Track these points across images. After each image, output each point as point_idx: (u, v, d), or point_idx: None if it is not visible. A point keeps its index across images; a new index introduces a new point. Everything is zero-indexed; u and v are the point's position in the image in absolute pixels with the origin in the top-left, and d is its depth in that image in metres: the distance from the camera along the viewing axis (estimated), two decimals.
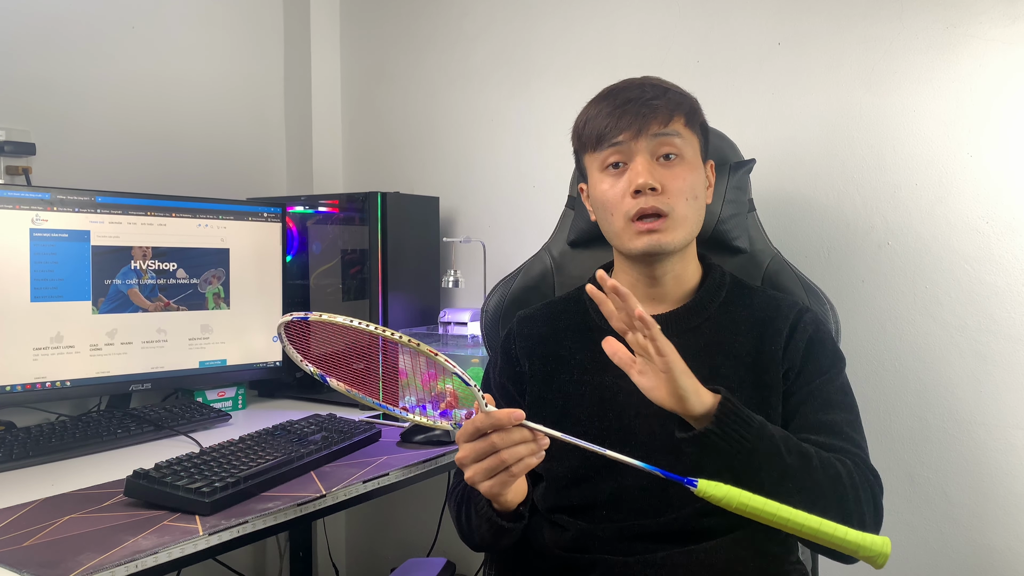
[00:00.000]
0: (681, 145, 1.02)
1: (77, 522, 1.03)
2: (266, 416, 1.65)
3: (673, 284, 1.08)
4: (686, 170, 1.02)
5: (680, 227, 1.02)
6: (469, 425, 0.86)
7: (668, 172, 1.01)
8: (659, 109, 1.01)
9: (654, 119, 1.01)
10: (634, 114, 1.01)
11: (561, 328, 1.14)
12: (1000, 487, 1.38)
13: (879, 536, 0.82)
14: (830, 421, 1.00)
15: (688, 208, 1.02)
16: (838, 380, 1.04)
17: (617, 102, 1.03)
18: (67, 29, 1.74)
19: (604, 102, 1.05)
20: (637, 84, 1.05)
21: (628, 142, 1.01)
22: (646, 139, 1.01)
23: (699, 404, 0.88)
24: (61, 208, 1.45)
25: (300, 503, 1.12)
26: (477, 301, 1.86)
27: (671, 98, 1.03)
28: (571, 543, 1.03)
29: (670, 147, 1.02)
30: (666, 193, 1.00)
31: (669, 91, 1.04)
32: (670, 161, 1.02)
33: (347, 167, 2.26)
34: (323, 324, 0.90)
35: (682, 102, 1.04)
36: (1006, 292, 1.37)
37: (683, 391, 0.87)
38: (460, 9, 2.01)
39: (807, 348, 1.04)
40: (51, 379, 1.45)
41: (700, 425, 0.89)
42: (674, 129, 1.02)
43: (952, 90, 1.40)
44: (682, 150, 1.02)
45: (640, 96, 1.02)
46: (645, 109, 1.01)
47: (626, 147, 1.02)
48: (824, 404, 1.01)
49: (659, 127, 1.01)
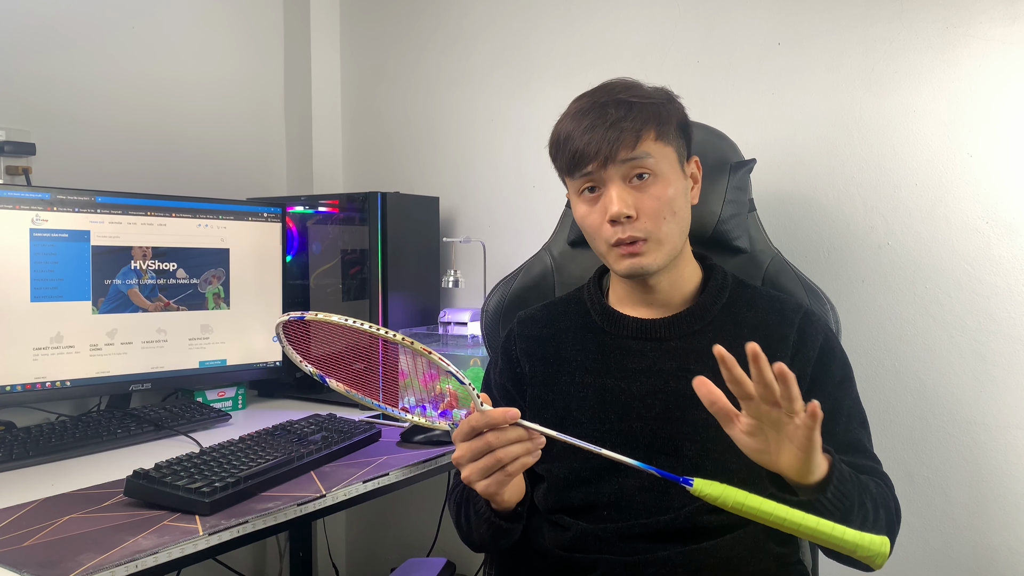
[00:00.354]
0: (654, 163, 0.99)
1: (77, 522, 1.03)
2: (266, 416, 1.65)
3: (669, 290, 1.08)
4: (661, 188, 0.99)
5: (661, 247, 1.01)
6: (464, 424, 0.86)
7: (642, 195, 0.99)
8: (625, 132, 0.97)
9: (621, 145, 0.97)
10: (600, 140, 0.97)
11: (562, 329, 1.14)
12: (1000, 487, 1.38)
13: (878, 536, 0.81)
14: (856, 441, 1.01)
15: (667, 226, 1.00)
16: (853, 391, 1.06)
17: (584, 126, 0.99)
18: (67, 29, 1.74)
19: (573, 122, 1.01)
20: (601, 103, 1.00)
21: (596, 171, 0.99)
22: (615, 166, 0.98)
23: (818, 471, 0.83)
24: (61, 208, 1.45)
25: (300, 503, 1.12)
26: (477, 301, 1.86)
27: (638, 115, 0.98)
28: (572, 543, 1.03)
29: (641, 168, 0.99)
30: (641, 217, 0.99)
31: (634, 106, 0.99)
32: (643, 181, 0.99)
33: (347, 167, 2.26)
34: (321, 324, 0.90)
35: (650, 115, 0.99)
36: (1006, 292, 1.37)
37: (812, 466, 0.81)
38: (460, 9, 2.01)
39: (820, 357, 1.04)
40: (51, 379, 1.45)
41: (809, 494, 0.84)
42: (643, 151, 0.98)
43: (952, 90, 1.40)
44: (655, 167, 0.99)
45: (603, 119, 0.98)
46: (611, 134, 0.97)
47: (596, 175, 1.00)
48: (847, 421, 1.02)
49: (627, 152, 0.97)
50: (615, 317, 1.10)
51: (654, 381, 1.04)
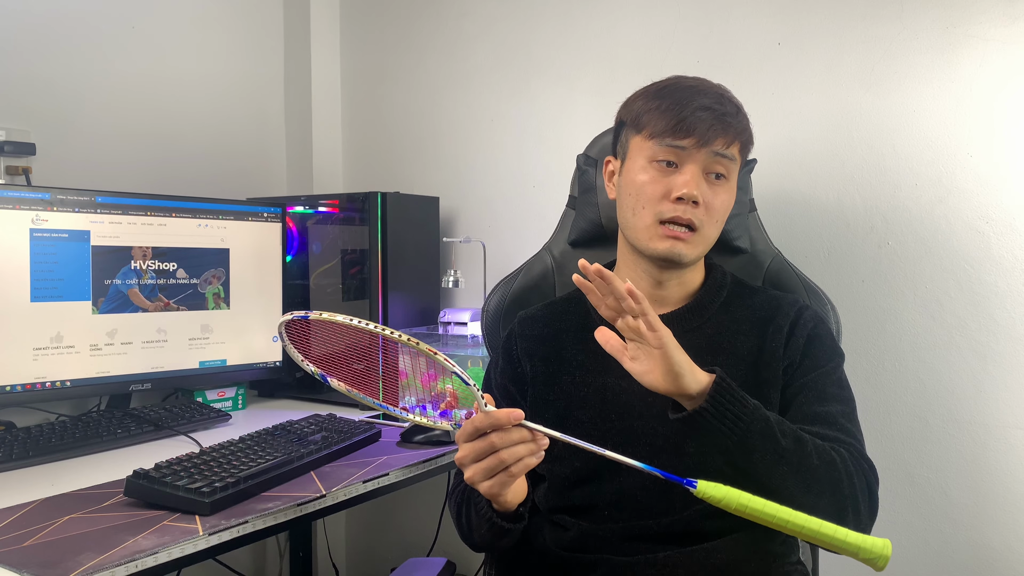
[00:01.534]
0: (731, 168, 1.03)
1: (77, 522, 1.03)
2: (266, 416, 1.65)
3: (677, 287, 1.09)
4: (728, 194, 1.04)
5: (702, 243, 1.04)
6: (468, 425, 0.86)
7: (712, 190, 1.02)
8: (729, 128, 1.01)
9: (721, 136, 1.00)
10: (707, 124, 0.99)
11: (563, 329, 1.14)
12: (1000, 487, 1.38)
13: (880, 538, 0.81)
14: (825, 412, 1.00)
15: (715, 228, 1.04)
16: (835, 374, 1.05)
17: (694, 105, 1.00)
18: (67, 29, 1.74)
19: (678, 95, 1.02)
20: (716, 91, 1.03)
21: (690, 149, 1.00)
22: (707, 153, 1.00)
23: (694, 382, 0.88)
24: (61, 208, 1.45)
25: (300, 503, 1.12)
26: (477, 301, 1.86)
27: (741, 120, 1.03)
28: (572, 543, 1.03)
29: (723, 167, 1.02)
30: (704, 209, 1.01)
31: (740, 111, 1.04)
32: (718, 181, 1.03)
33: (347, 167, 2.26)
34: (323, 324, 0.90)
35: (746, 126, 1.04)
36: (1006, 292, 1.37)
37: (678, 367, 0.87)
38: (460, 9, 2.01)
39: (807, 344, 1.05)
40: (51, 379, 1.45)
41: (694, 405, 0.89)
42: (732, 152, 1.02)
43: (952, 90, 1.40)
44: (730, 173, 1.04)
45: (717, 107, 1.01)
46: (718, 124, 1.00)
47: (686, 153, 1.01)
48: (820, 396, 1.01)
49: (722, 146, 1.01)
50: None
51: None
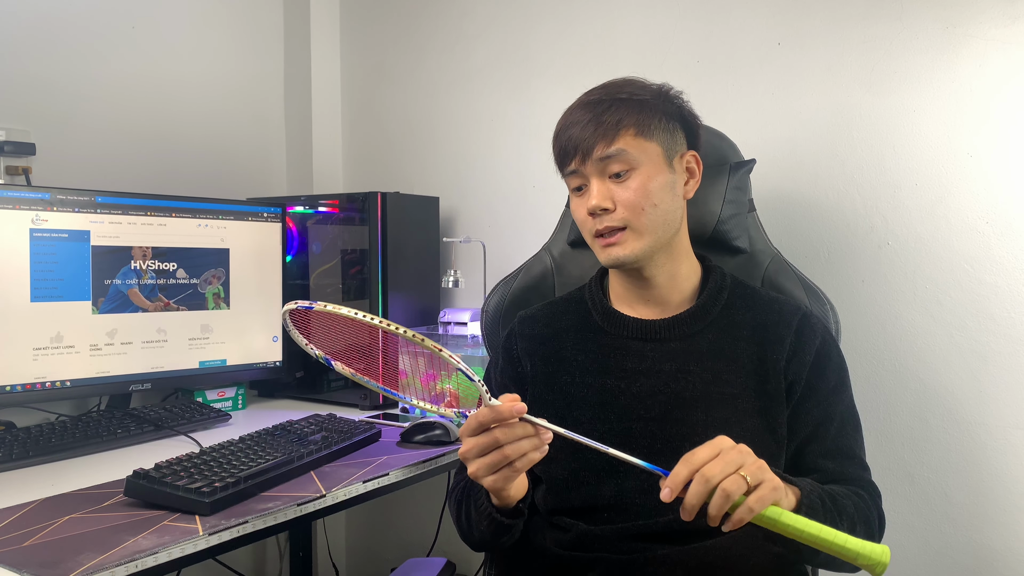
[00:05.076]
0: (632, 159, 1.01)
1: (77, 522, 1.03)
2: (266, 416, 1.65)
3: (668, 285, 1.08)
4: (640, 181, 1.02)
5: (640, 237, 1.03)
6: (472, 419, 0.86)
7: (619, 187, 1.02)
8: (602, 129, 1.01)
9: (596, 143, 1.01)
10: (579, 138, 1.02)
11: (562, 329, 1.14)
12: (1000, 487, 1.38)
13: (878, 544, 0.82)
14: (847, 447, 1.03)
15: (647, 216, 1.02)
16: (847, 395, 1.07)
17: (568, 127, 1.04)
18: (67, 29, 1.74)
19: (561, 124, 1.07)
20: (587, 102, 1.05)
21: (580, 169, 1.04)
22: (593, 163, 1.02)
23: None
24: (61, 208, 1.45)
25: (300, 503, 1.12)
26: (477, 301, 1.86)
27: (616, 112, 1.02)
28: (571, 543, 1.03)
29: (618, 165, 1.02)
30: (619, 209, 1.02)
31: (616, 104, 1.02)
32: (621, 178, 1.02)
33: (347, 167, 2.26)
34: (326, 318, 0.89)
35: (629, 112, 1.02)
36: (1006, 292, 1.37)
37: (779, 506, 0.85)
38: (460, 9, 2.01)
39: (815, 362, 1.05)
40: (51, 379, 1.45)
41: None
42: (618, 148, 1.01)
43: (952, 90, 1.40)
44: (634, 162, 1.02)
45: (588, 117, 1.02)
46: (586, 133, 1.02)
47: (579, 174, 1.04)
48: (840, 427, 1.04)
49: (603, 149, 1.01)
50: (616, 317, 1.10)
51: (654, 382, 1.05)
